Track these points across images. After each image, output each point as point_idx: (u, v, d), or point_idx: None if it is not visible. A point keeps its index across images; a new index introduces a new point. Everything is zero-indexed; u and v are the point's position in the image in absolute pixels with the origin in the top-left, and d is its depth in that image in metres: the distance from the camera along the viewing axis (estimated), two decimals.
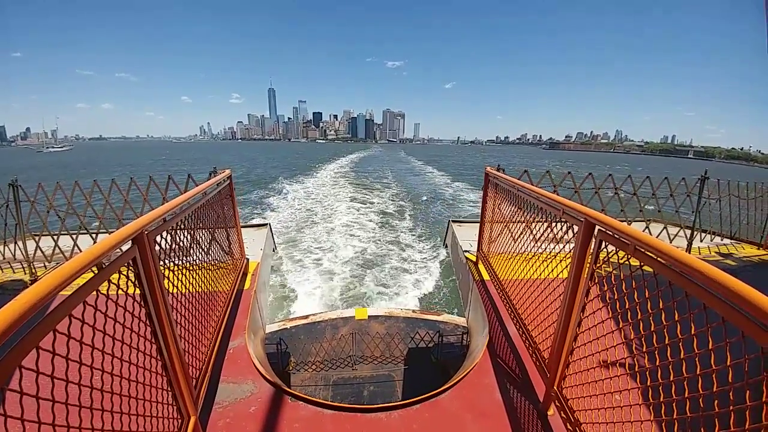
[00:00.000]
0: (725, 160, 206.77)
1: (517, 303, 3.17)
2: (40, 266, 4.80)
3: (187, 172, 5.22)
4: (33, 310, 0.87)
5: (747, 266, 5.09)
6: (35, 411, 0.90)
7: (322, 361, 4.28)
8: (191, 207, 2.46)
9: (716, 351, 1.17)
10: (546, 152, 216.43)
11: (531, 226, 2.91)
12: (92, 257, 1.15)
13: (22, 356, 0.87)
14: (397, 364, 4.31)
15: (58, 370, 0.99)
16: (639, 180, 5.53)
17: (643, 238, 1.45)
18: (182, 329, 2.01)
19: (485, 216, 4.41)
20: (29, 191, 4.82)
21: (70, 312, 1.07)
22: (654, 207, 5.82)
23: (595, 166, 72.38)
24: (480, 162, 75.90)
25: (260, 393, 2.59)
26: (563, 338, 2.10)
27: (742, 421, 1.08)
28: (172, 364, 1.74)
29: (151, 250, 1.60)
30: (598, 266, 1.86)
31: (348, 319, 5.06)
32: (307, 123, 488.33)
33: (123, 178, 5.29)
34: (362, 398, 3.80)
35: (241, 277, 4.16)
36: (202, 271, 2.64)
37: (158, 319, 1.62)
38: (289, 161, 65.99)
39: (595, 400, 1.84)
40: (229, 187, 4.00)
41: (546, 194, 2.56)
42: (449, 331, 4.71)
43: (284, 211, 21.54)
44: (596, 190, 5.31)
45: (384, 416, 2.41)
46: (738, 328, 1.05)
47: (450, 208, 24.50)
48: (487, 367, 2.87)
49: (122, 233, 1.38)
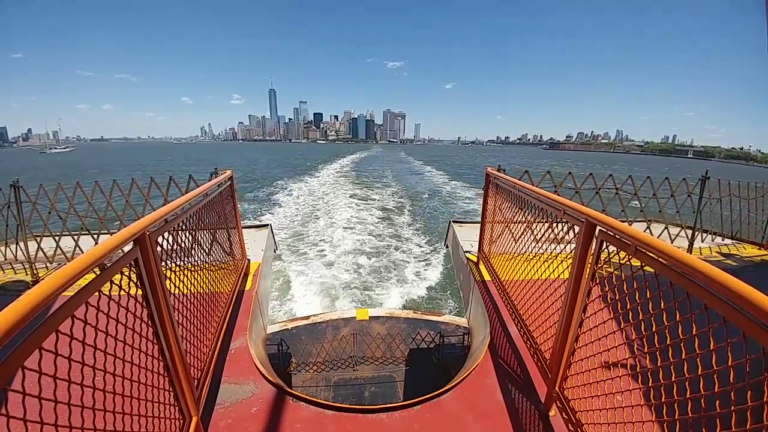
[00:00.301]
0: (725, 159, 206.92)
1: (518, 303, 3.16)
2: (42, 267, 4.81)
3: (194, 172, 5.24)
4: (35, 311, 0.87)
5: (748, 266, 5.08)
6: (38, 411, 0.91)
7: (323, 361, 4.29)
8: (193, 208, 2.46)
9: (717, 351, 1.17)
10: (546, 152, 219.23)
11: (532, 227, 2.91)
12: (94, 258, 1.15)
13: (24, 357, 0.87)
14: (398, 365, 4.31)
15: (60, 371, 1.00)
16: (640, 180, 5.52)
17: (645, 239, 1.45)
18: (184, 330, 2.01)
19: (486, 216, 4.41)
20: (36, 192, 4.84)
21: (73, 313, 1.08)
22: (655, 207, 5.81)
23: (592, 166, 74.27)
24: (478, 162, 78.45)
25: (261, 393, 2.59)
26: (564, 339, 2.10)
27: (743, 422, 1.08)
28: (174, 365, 1.75)
29: (153, 251, 1.60)
30: (600, 267, 1.86)
31: (349, 319, 5.06)
32: (308, 124, 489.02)
33: (125, 179, 5.31)
34: (363, 399, 3.80)
35: (242, 277, 4.17)
36: (204, 272, 2.65)
37: (160, 319, 1.63)
38: (291, 161, 67.78)
39: (597, 401, 1.84)
40: (230, 187, 4.00)
41: (547, 194, 2.56)
42: (450, 331, 4.71)
43: (289, 206, 22.67)
44: (597, 191, 5.30)
45: (385, 417, 2.41)
46: (739, 329, 1.05)
47: (446, 204, 25.73)
48: (489, 367, 2.87)
49: (124, 234, 1.38)
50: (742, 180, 5.90)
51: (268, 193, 27.97)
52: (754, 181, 5.94)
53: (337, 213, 21.08)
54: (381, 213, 21.46)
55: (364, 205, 23.53)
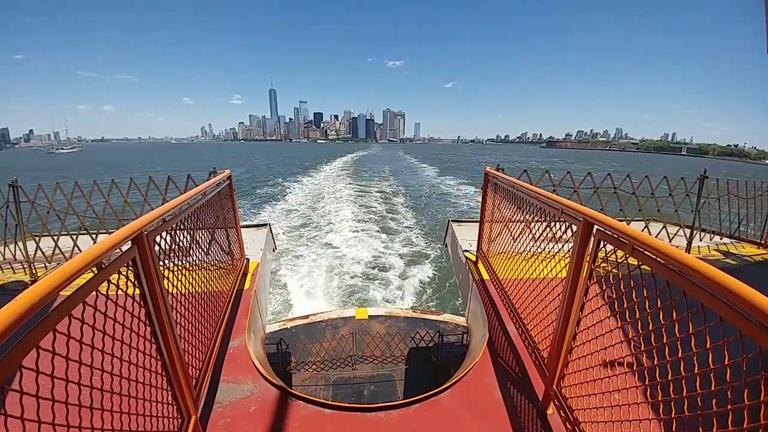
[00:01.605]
0: (719, 156, 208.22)
1: (516, 302, 3.17)
2: (41, 266, 4.80)
3: (194, 171, 5.25)
4: (33, 311, 0.87)
5: (747, 265, 5.08)
6: (35, 410, 0.91)
7: (322, 360, 4.29)
8: (191, 207, 2.46)
9: (714, 350, 1.17)
10: (543, 150, 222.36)
11: (530, 226, 2.91)
12: (92, 257, 1.15)
13: (22, 356, 0.88)
14: (397, 364, 4.31)
15: (58, 370, 1.00)
16: (638, 179, 5.53)
17: (641, 238, 1.45)
18: (182, 329, 2.01)
19: (485, 216, 4.41)
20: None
21: (70, 312, 1.08)
22: (653, 206, 5.82)
23: (584, 163, 78.53)
24: (472, 159, 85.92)
25: (260, 393, 2.59)
26: (562, 337, 2.10)
27: (740, 421, 1.08)
28: (172, 364, 1.75)
29: (151, 251, 1.60)
30: (597, 266, 1.86)
31: (348, 318, 5.07)
32: (308, 123, 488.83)
33: (125, 179, 5.33)
34: (363, 398, 3.80)
35: (241, 277, 4.17)
36: (202, 272, 2.65)
37: (158, 319, 1.63)
38: (292, 161, 71.70)
39: (594, 399, 1.84)
40: (228, 187, 4.00)
41: (545, 194, 2.56)
42: (449, 330, 4.72)
43: (289, 205, 24.10)
44: (595, 190, 5.31)
45: (384, 416, 2.41)
46: (736, 328, 1.05)
47: (438, 193, 30.74)
48: (487, 366, 2.88)
49: (122, 234, 1.38)
50: (732, 176, 5.91)
51: (268, 193, 28.74)
52: (745, 176, 5.93)
53: (338, 204, 23.32)
54: (377, 201, 24.65)
55: (363, 195, 26.52)
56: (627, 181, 5.42)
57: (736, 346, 1.05)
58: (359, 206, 22.75)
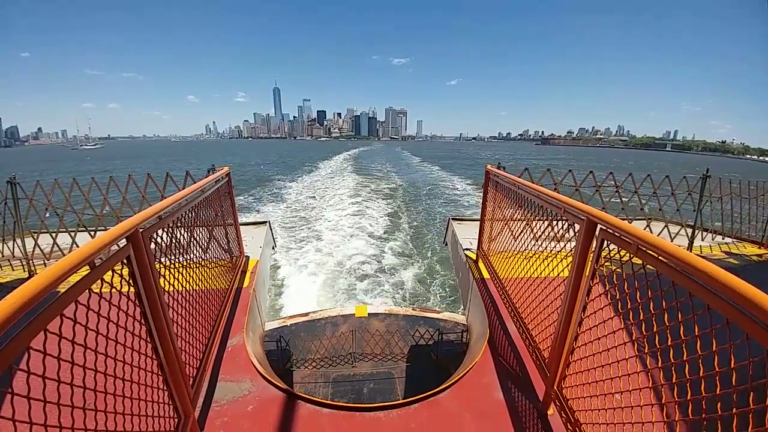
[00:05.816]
0: (701, 152, 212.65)
1: (517, 302, 3.15)
2: (40, 264, 4.79)
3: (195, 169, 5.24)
4: (22, 310, 0.85)
5: (749, 265, 5.07)
6: (26, 411, 0.89)
7: (322, 358, 4.28)
8: (188, 204, 2.44)
9: (719, 353, 1.15)
10: (537, 147, 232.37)
11: (531, 225, 2.89)
12: (84, 255, 1.13)
13: (12, 356, 0.85)
14: (397, 362, 4.30)
15: (49, 371, 0.98)
16: (639, 178, 5.50)
17: (647, 238, 1.42)
18: (179, 328, 1.99)
19: (485, 214, 4.38)
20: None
21: (62, 311, 1.05)
22: (655, 205, 5.79)
23: (557, 158, 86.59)
24: (469, 154, 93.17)
25: (258, 391, 2.58)
26: (564, 337, 2.08)
27: (744, 425, 1.06)
28: (169, 363, 1.73)
29: (147, 248, 1.58)
30: (600, 265, 1.84)
31: (348, 316, 5.05)
32: (312, 121, 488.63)
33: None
34: (362, 396, 3.79)
35: (239, 274, 4.15)
36: (200, 269, 2.63)
37: (154, 317, 1.61)
38: (296, 158, 75.25)
39: (596, 401, 1.82)
40: (227, 184, 3.97)
41: (547, 192, 2.53)
42: (449, 329, 4.70)
43: (289, 203, 24.55)
44: (597, 188, 5.28)
45: (382, 415, 2.40)
46: (742, 330, 1.03)
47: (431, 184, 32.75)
48: (487, 366, 2.86)
49: (116, 231, 1.36)
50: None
51: (268, 191, 28.92)
52: (756, 180, 5.91)
53: (339, 198, 24.48)
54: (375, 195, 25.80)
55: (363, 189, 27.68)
56: (629, 180, 5.39)
57: (743, 349, 1.02)
58: (358, 203, 23.28)
